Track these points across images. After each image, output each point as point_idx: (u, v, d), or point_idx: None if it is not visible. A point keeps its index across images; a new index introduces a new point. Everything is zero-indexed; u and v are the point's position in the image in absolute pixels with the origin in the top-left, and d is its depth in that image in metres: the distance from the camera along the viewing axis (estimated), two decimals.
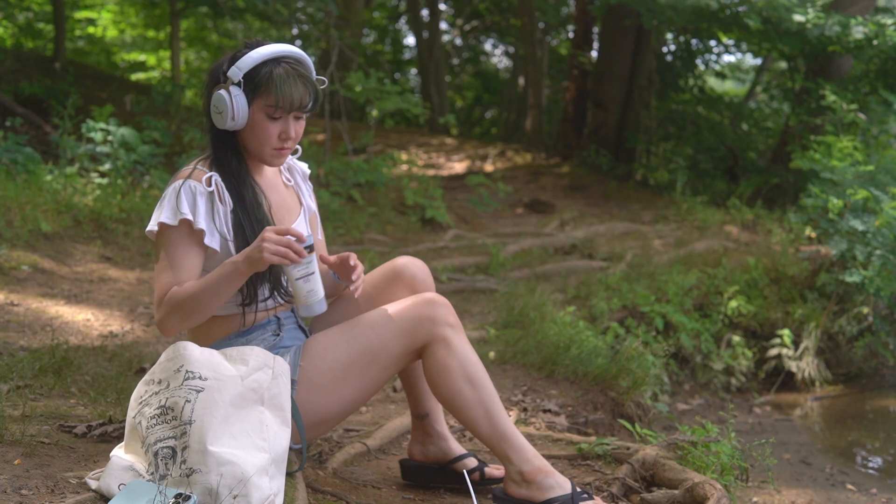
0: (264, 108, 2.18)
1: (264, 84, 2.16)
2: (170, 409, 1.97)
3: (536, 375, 3.64)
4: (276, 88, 2.16)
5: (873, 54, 7.91)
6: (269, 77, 2.16)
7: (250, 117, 2.19)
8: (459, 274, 5.82)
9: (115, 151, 6.14)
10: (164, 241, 2.16)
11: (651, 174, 10.35)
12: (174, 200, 2.14)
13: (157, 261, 2.18)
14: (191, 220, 2.13)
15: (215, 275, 2.10)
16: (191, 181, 2.17)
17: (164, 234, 2.16)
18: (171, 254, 2.15)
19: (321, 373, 2.23)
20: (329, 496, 2.27)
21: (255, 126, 2.20)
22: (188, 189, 2.16)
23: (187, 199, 2.14)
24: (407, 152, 11.19)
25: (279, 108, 2.17)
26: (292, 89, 2.17)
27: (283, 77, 2.17)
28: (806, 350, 5.78)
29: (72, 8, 12.41)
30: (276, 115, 2.19)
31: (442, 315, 2.23)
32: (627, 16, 9.68)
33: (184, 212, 2.12)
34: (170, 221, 2.13)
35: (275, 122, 2.19)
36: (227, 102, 2.16)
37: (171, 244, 2.15)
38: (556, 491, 2.20)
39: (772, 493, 3.65)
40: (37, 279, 4.46)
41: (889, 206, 5.50)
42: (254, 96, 2.17)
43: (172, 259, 2.15)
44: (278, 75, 2.17)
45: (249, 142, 2.23)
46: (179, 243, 2.15)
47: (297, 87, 2.17)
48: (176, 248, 2.15)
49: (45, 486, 2.04)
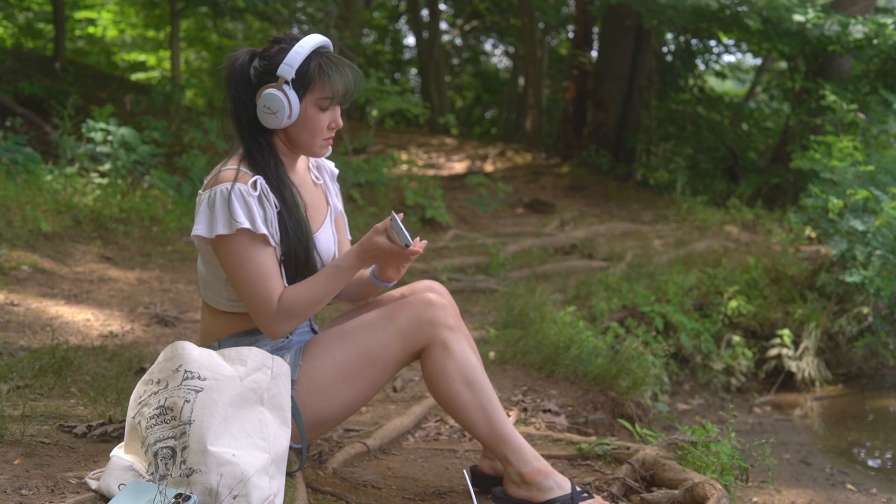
0: (317, 101, 2.19)
1: (316, 78, 2.16)
2: (169, 409, 1.97)
3: (536, 375, 3.64)
4: (329, 81, 2.17)
5: (873, 54, 7.91)
6: (320, 70, 2.17)
7: (301, 113, 2.19)
8: (459, 274, 5.82)
9: (115, 151, 6.14)
10: (234, 251, 2.12)
11: (651, 174, 10.35)
12: (226, 207, 2.10)
13: (230, 269, 2.14)
14: (249, 228, 2.10)
15: (332, 276, 2.17)
16: (239, 185, 2.13)
17: (229, 245, 2.12)
18: (253, 263, 2.13)
19: (321, 374, 2.23)
20: (329, 496, 2.27)
21: (306, 121, 2.20)
22: (239, 194, 2.12)
23: (240, 206, 2.11)
24: (407, 152, 11.18)
25: (333, 100, 2.19)
26: (344, 80, 2.19)
27: (333, 68, 2.18)
28: (806, 350, 5.78)
29: (72, 8, 12.40)
30: (327, 107, 2.20)
31: (441, 317, 2.23)
32: (627, 16, 9.68)
33: (240, 221, 2.09)
34: (227, 231, 2.10)
35: (325, 114, 2.21)
36: (284, 102, 2.15)
37: (246, 254, 2.12)
38: (555, 491, 2.20)
39: (772, 493, 3.65)
40: (37, 279, 4.46)
41: (889, 206, 5.50)
42: (305, 91, 2.17)
43: (257, 268, 2.13)
44: (329, 67, 2.17)
45: (299, 136, 2.22)
46: (253, 251, 2.13)
47: (347, 77, 2.19)
48: (252, 256, 2.13)
49: (45, 486, 2.04)
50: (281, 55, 2.16)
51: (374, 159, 7.87)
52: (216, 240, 2.13)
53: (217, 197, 2.12)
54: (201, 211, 2.14)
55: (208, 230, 2.13)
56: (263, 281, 2.13)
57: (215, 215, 2.11)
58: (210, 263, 2.23)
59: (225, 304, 2.25)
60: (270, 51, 2.19)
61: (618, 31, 10.25)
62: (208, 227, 2.13)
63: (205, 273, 2.26)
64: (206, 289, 2.28)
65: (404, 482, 2.50)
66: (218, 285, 2.24)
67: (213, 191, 2.14)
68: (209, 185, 2.17)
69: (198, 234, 2.13)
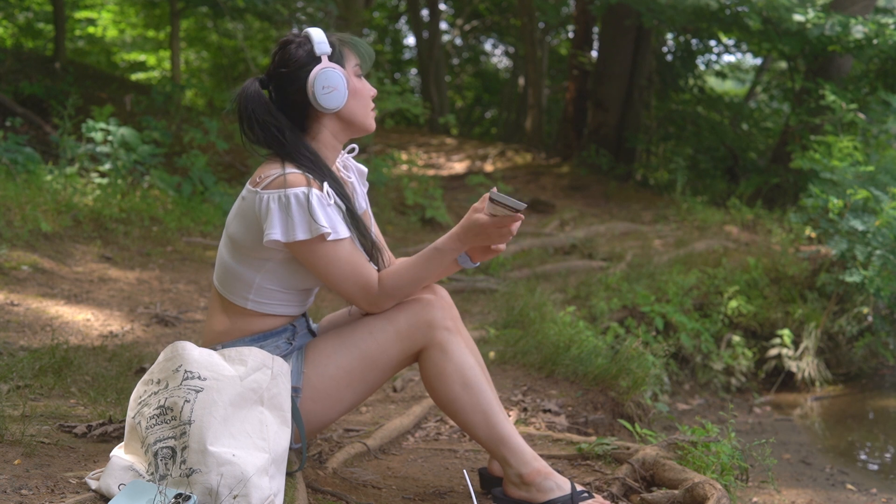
0: (353, 69, 2.24)
1: (344, 50, 2.22)
2: (169, 409, 1.97)
3: (536, 375, 3.64)
4: (355, 48, 2.24)
5: (873, 54, 7.91)
6: (342, 43, 2.23)
7: (350, 84, 2.23)
8: (459, 274, 5.82)
9: (115, 151, 6.14)
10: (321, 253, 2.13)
11: (651, 174, 10.35)
12: (306, 213, 2.09)
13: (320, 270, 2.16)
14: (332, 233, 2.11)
15: (434, 259, 2.20)
16: (315, 191, 2.11)
17: (313, 247, 2.13)
18: (342, 260, 2.15)
19: (325, 380, 2.23)
20: (329, 496, 2.28)
21: (355, 91, 2.24)
22: (317, 200, 2.11)
23: (321, 211, 2.10)
24: (407, 152, 11.19)
25: (365, 65, 2.26)
26: (363, 46, 2.26)
27: (349, 38, 2.25)
28: (806, 350, 5.78)
29: (72, 8, 12.40)
30: (360, 74, 2.26)
31: (439, 319, 2.23)
32: (627, 16, 9.68)
33: (323, 226, 2.09)
34: (308, 236, 2.10)
35: (364, 82, 2.27)
36: (339, 74, 2.18)
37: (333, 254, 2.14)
38: (555, 492, 2.20)
39: (772, 493, 3.65)
40: (37, 279, 4.46)
41: (889, 206, 5.50)
42: (343, 64, 2.22)
43: (348, 263, 2.16)
44: (346, 38, 2.24)
45: (355, 111, 2.24)
46: (339, 249, 2.14)
47: (362, 43, 2.27)
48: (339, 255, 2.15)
49: (45, 486, 2.04)
50: (306, 45, 2.19)
51: (374, 159, 7.87)
52: (296, 244, 2.13)
53: (292, 200, 2.10)
54: (273, 214, 2.10)
55: (285, 234, 2.10)
56: (357, 271, 2.17)
57: (292, 219, 2.10)
58: (246, 256, 2.20)
59: (248, 302, 2.23)
60: (287, 50, 2.20)
61: (618, 31, 10.25)
62: (285, 231, 2.10)
63: (238, 269, 2.22)
64: (230, 282, 2.24)
65: (404, 482, 2.50)
66: (246, 282, 2.21)
67: (284, 193, 2.10)
68: (273, 186, 2.12)
69: (274, 238, 2.10)
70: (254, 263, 2.20)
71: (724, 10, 8.39)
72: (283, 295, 2.24)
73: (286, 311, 2.27)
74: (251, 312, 2.23)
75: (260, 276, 2.21)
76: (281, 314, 2.26)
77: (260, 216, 2.13)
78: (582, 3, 10.98)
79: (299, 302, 2.29)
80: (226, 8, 9.33)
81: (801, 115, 8.27)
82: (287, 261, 2.19)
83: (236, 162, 7.58)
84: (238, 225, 2.20)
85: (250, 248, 2.19)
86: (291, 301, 2.27)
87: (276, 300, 2.24)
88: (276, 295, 2.23)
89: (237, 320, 2.24)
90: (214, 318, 2.28)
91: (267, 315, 2.24)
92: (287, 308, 2.27)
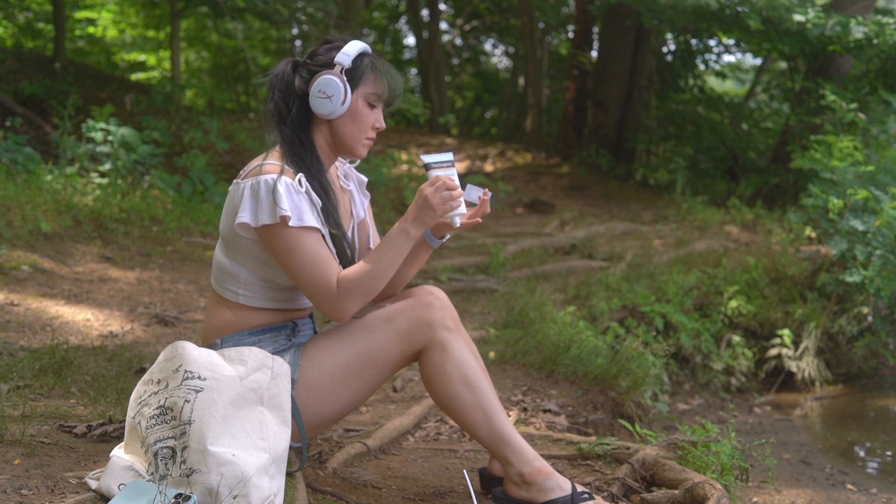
0: (367, 95, 2.23)
1: (369, 72, 2.22)
2: (169, 409, 1.97)
3: (536, 375, 3.64)
4: (381, 78, 2.23)
5: (873, 54, 7.91)
6: (373, 67, 2.23)
7: (352, 104, 2.22)
8: (459, 274, 5.82)
9: (115, 151, 6.14)
10: (284, 239, 2.13)
11: (651, 174, 10.35)
12: (271, 197, 2.11)
13: (283, 258, 2.15)
14: (295, 218, 2.11)
15: (386, 248, 2.18)
16: (285, 178, 2.14)
17: (278, 233, 2.13)
18: (305, 251, 2.14)
19: (320, 375, 2.23)
20: (329, 496, 2.28)
21: (355, 113, 2.23)
22: (285, 186, 2.13)
23: (287, 197, 2.12)
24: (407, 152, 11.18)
25: (381, 97, 2.24)
26: (393, 81, 2.25)
27: (385, 68, 2.24)
28: (806, 350, 5.78)
29: (72, 8, 12.40)
30: (374, 104, 2.25)
31: (439, 318, 2.23)
32: (627, 16, 9.68)
33: (285, 209, 2.10)
34: (272, 220, 2.11)
35: (372, 111, 2.25)
36: (340, 86, 2.18)
37: (296, 243, 2.13)
38: (556, 492, 2.20)
39: (772, 493, 3.65)
40: (37, 279, 4.46)
41: (889, 206, 5.50)
42: (357, 84, 2.22)
43: (310, 255, 2.14)
44: (381, 66, 2.24)
45: (345, 130, 2.25)
46: (302, 239, 2.14)
47: (395, 79, 2.26)
48: (302, 244, 2.14)
49: (45, 486, 2.04)
50: (334, 51, 2.21)
51: (374, 159, 7.86)
52: (263, 229, 2.14)
53: (262, 186, 2.13)
54: (245, 199, 2.14)
55: (253, 218, 2.13)
56: (319, 266, 2.15)
57: (261, 205, 2.13)
58: (233, 250, 2.23)
59: (238, 297, 2.25)
60: (321, 48, 2.24)
61: (618, 31, 10.25)
62: (253, 215, 2.13)
63: (227, 263, 2.25)
64: (221, 276, 2.27)
65: (404, 482, 2.50)
66: (234, 276, 2.24)
67: (256, 180, 2.15)
68: (251, 175, 2.17)
69: (243, 221, 2.13)
70: (238, 257, 2.23)
71: (724, 10, 8.39)
72: (269, 291, 2.26)
73: (277, 305, 2.28)
74: (244, 307, 2.26)
75: (246, 271, 2.23)
76: (273, 308, 2.27)
77: (238, 205, 2.17)
78: (582, 3, 10.98)
79: (285, 298, 2.29)
80: (226, 8, 9.32)
81: (801, 115, 8.27)
82: (265, 253, 2.21)
83: (236, 162, 7.58)
84: (224, 218, 2.25)
85: (234, 240, 2.22)
86: (278, 297, 2.27)
87: (263, 295, 2.26)
88: (262, 290, 2.26)
89: (233, 314, 2.26)
90: (212, 312, 2.31)
91: (260, 309, 2.26)
92: (278, 303, 2.28)
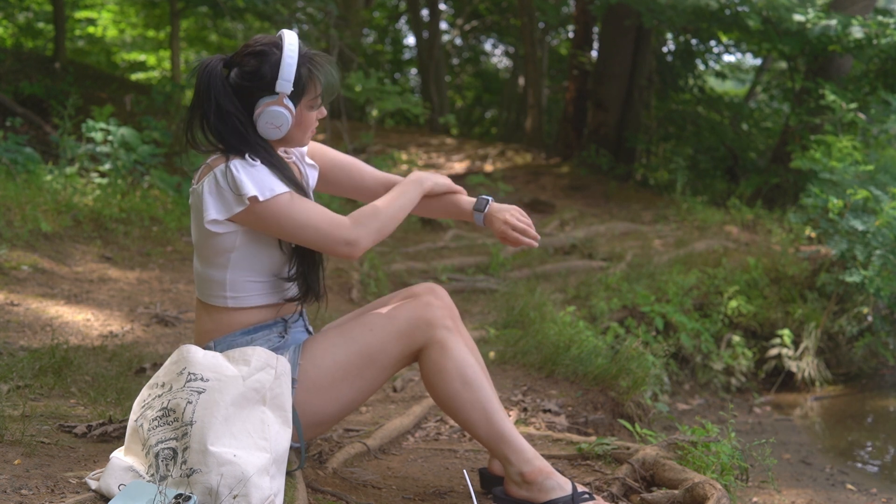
0: (308, 101, 2.23)
1: (309, 84, 2.21)
2: (171, 410, 1.97)
3: (536, 375, 3.64)
4: (321, 84, 2.23)
5: (873, 54, 7.91)
6: (310, 76, 2.21)
7: (297, 117, 2.23)
8: (459, 274, 5.83)
9: (115, 151, 6.14)
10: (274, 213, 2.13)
11: (651, 174, 10.35)
12: (232, 182, 2.10)
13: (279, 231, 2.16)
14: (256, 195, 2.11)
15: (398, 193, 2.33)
16: (235, 160, 2.13)
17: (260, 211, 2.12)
18: (295, 212, 2.15)
19: (320, 374, 2.23)
20: (329, 496, 2.27)
21: (301, 122, 2.24)
22: (239, 167, 2.12)
23: (247, 176, 2.11)
24: (407, 152, 11.18)
25: (323, 97, 2.25)
26: (330, 78, 2.24)
27: (320, 69, 2.22)
28: (806, 350, 5.78)
29: (72, 8, 12.40)
30: (317, 105, 2.26)
31: (439, 317, 2.23)
32: (627, 16, 9.68)
33: (248, 191, 2.10)
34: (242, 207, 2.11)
35: (314, 111, 2.26)
36: (287, 116, 2.18)
37: (287, 211, 2.14)
38: (556, 492, 2.20)
39: (772, 493, 3.65)
40: (37, 279, 4.46)
41: (889, 206, 5.50)
42: (299, 98, 2.21)
43: (303, 213, 2.16)
44: (316, 69, 2.21)
45: (293, 135, 2.25)
46: (291, 207, 2.15)
47: (331, 75, 2.25)
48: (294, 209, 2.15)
49: (45, 486, 2.04)
50: (267, 68, 2.15)
51: (374, 159, 7.87)
52: (241, 217, 2.14)
53: (218, 177, 2.13)
54: (207, 196, 2.13)
55: (222, 211, 2.13)
56: (315, 213, 2.17)
57: (224, 194, 2.12)
58: (209, 257, 2.22)
59: (227, 301, 2.24)
60: (250, 64, 2.17)
61: (618, 31, 10.24)
62: (221, 207, 2.13)
63: (208, 273, 2.24)
64: (205, 287, 2.26)
65: (404, 482, 2.50)
66: (218, 282, 2.23)
67: (210, 176, 2.14)
68: (203, 176, 2.17)
69: (212, 217, 2.13)
70: (217, 262, 2.21)
71: (724, 10, 8.39)
72: (258, 284, 2.25)
73: (267, 300, 2.26)
74: (233, 309, 2.25)
75: (229, 272, 2.22)
76: (264, 304, 2.26)
77: (202, 207, 2.15)
78: (582, 3, 10.98)
79: (275, 289, 2.27)
80: (226, 8, 9.33)
81: (801, 115, 8.27)
82: (245, 244, 2.20)
83: None
84: (194, 228, 2.24)
85: (208, 246, 2.20)
86: (268, 289, 2.26)
87: (252, 291, 2.24)
88: (250, 286, 2.24)
89: (222, 318, 2.25)
90: (201, 318, 2.30)
91: (250, 308, 2.25)
92: (267, 297, 2.26)
